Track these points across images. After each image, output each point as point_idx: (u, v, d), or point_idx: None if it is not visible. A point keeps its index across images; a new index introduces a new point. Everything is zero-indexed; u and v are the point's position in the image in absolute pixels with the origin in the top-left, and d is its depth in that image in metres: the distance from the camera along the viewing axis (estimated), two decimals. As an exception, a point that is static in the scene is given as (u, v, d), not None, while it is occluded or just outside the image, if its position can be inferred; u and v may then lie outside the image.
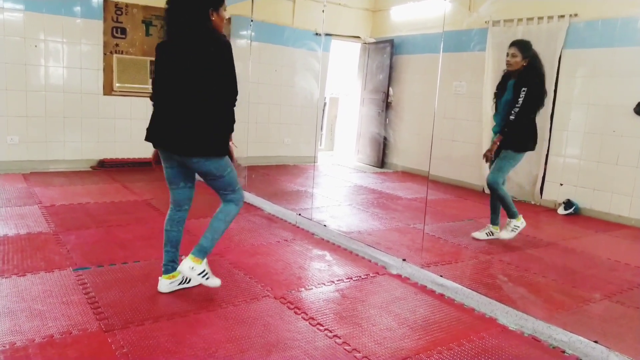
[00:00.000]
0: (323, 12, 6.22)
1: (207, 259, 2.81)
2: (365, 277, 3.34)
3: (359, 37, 8.26)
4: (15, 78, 5.75)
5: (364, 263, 3.60)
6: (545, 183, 5.85)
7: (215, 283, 2.82)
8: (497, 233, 4.25)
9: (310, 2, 7.47)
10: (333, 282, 3.21)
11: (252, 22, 5.95)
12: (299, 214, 4.52)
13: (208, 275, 2.78)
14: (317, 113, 7.65)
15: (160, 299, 2.77)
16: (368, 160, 8.36)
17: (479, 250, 4.02)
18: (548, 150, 5.77)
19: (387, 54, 7.90)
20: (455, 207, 5.72)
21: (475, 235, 4.30)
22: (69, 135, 6.18)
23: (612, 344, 2.43)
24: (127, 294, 2.79)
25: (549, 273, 3.65)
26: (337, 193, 6.16)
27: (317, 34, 7.64)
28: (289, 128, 7.89)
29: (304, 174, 7.22)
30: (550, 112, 5.64)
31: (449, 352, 2.42)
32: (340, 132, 9.36)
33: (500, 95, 4.09)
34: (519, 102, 3.83)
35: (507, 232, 4.16)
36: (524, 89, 3.82)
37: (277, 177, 6.91)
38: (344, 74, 9.28)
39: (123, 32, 6.39)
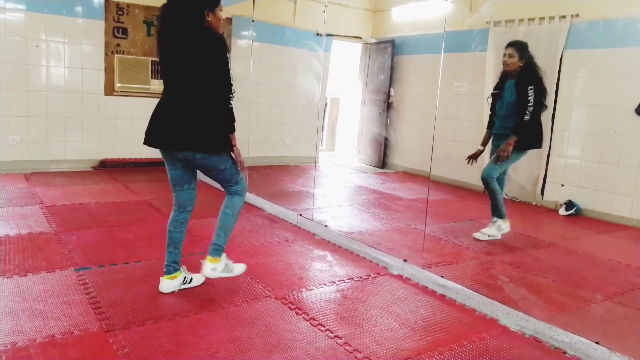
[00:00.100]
0: (324, 12, 6.22)
1: (225, 253, 2.89)
2: (367, 277, 3.34)
3: (360, 37, 8.26)
4: (17, 78, 5.76)
5: (365, 263, 3.60)
6: (547, 184, 5.84)
7: (241, 269, 2.96)
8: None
9: (312, 2, 7.47)
10: (334, 282, 3.21)
11: (253, 22, 5.95)
12: (300, 215, 4.52)
13: (232, 267, 2.89)
14: (318, 113, 7.64)
15: (162, 299, 2.77)
16: (369, 161, 8.36)
17: (480, 251, 4.01)
18: (549, 151, 5.77)
19: (388, 55, 7.90)
20: (457, 207, 5.72)
21: (479, 236, 4.28)
22: (70, 135, 6.18)
23: (613, 345, 2.43)
24: (128, 294, 2.79)
25: (550, 274, 3.65)
26: (338, 193, 6.16)
27: (318, 35, 7.64)
28: (290, 128, 7.89)
29: (305, 175, 7.22)
30: (552, 112, 5.63)
31: (450, 352, 2.42)
32: (341, 132, 9.36)
33: (500, 96, 4.07)
34: (530, 101, 3.80)
35: (490, 229, 4.15)
36: (531, 88, 3.81)
37: (278, 177, 6.91)
38: (345, 75, 9.27)
39: (124, 32, 6.40)
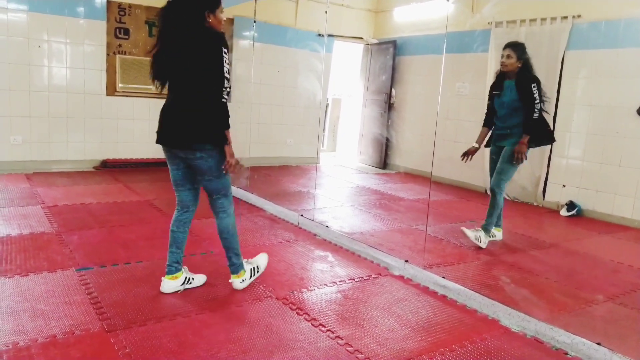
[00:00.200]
0: (326, 13, 6.23)
1: (244, 259, 2.99)
2: (368, 278, 3.34)
3: (362, 38, 8.26)
4: (19, 78, 5.77)
5: (366, 264, 3.60)
6: (548, 184, 5.84)
7: (264, 261, 3.09)
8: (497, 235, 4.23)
9: (313, 3, 7.47)
10: (335, 283, 3.21)
11: (254, 23, 5.96)
12: (301, 215, 4.52)
13: (257, 268, 2.99)
14: (319, 114, 7.65)
15: (163, 300, 2.77)
16: (370, 161, 8.36)
17: (482, 252, 4.01)
18: (551, 152, 5.76)
19: (389, 55, 7.90)
20: (458, 208, 5.72)
21: (480, 243, 4.23)
22: (72, 136, 6.19)
23: (615, 346, 2.42)
24: (129, 295, 2.80)
25: (552, 275, 3.64)
26: (339, 194, 6.16)
27: (319, 35, 7.64)
28: (292, 129, 7.89)
29: (306, 175, 7.22)
30: (553, 113, 5.63)
31: (451, 353, 2.42)
32: (343, 133, 9.36)
33: (500, 96, 4.05)
34: (536, 98, 3.80)
35: (471, 232, 4.07)
36: (534, 85, 3.81)
37: (279, 177, 6.91)
38: (347, 75, 9.27)
39: (126, 32, 6.41)
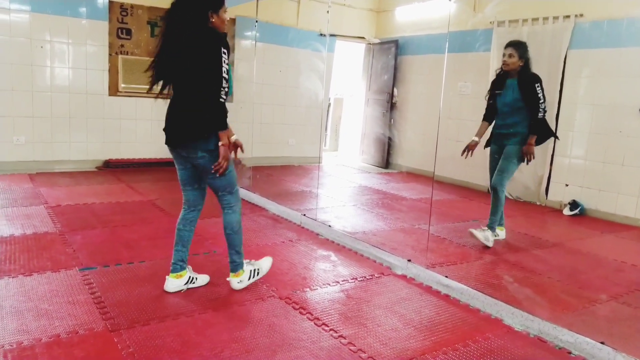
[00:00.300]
0: (328, 12, 6.22)
1: (247, 260, 2.98)
2: (370, 277, 3.34)
3: (364, 37, 8.26)
4: (22, 79, 5.78)
5: (369, 263, 3.60)
6: (551, 184, 5.83)
7: (267, 265, 3.06)
8: (500, 234, 4.22)
9: (315, 2, 7.47)
10: (338, 282, 3.21)
11: (256, 23, 5.96)
12: (304, 215, 4.52)
13: (258, 271, 2.96)
14: (321, 114, 7.65)
15: (166, 299, 2.78)
16: (373, 161, 8.35)
17: (485, 251, 4.00)
18: (553, 151, 5.75)
19: (391, 55, 7.90)
20: (460, 207, 5.71)
21: (488, 243, 4.22)
22: (75, 136, 6.20)
23: (618, 346, 2.42)
24: (133, 294, 2.80)
25: (555, 274, 3.64)
26: (341, 193, 6.16)
27: (321, 35, 7.65)
28: (294, 129, 7.89)
29: (309, 175, 7.22)
30: (556, 112, 5.62)
31: (455, 352, 2.42)
32: (345, 132, 9.36)
33: (502, 95, 4.04)
34: (540, 98, 3.81)
35: (481, 233, 4.06)
36: (538, 85, 3.81)
37: (281, 177, 6.91)
38: (349, 75, 9.28)
39: (128, 33, 6.42)
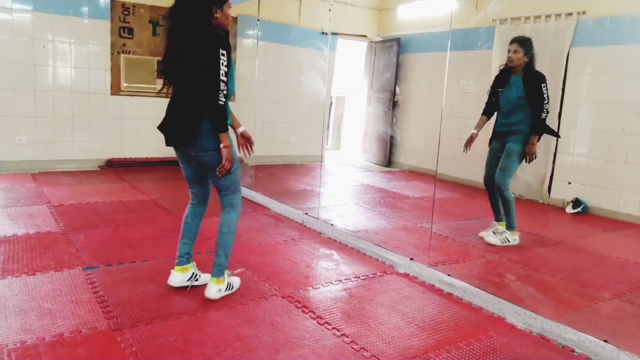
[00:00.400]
0: (329, 11, 6.20)
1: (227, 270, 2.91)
2: (373, 276, 3.34)
3: (366, 35, 8.25)
4: (24, 78, 5.79)
5: (372, 262, 3.60)
6: (553, 182, 5.82)
7: (238, 284, 2.96)
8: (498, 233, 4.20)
9: (317, 1, 7.46)
10: (340, 281, 3.21)
11: (258, 21, 5.96)
12: (306, 213, 4.52)
13: (232, 286, 2.88)
14: (323, 112, 7.65)
15: (169, 298, 2.78)
16: (375, 159, 8.35)
17: (487, 249, 4.00)
18: (556, 149, 5.74)
19: (393, 53, 7.89)
20: (463, 205, 5.71)
21: (483, 236, 4.25)
22: (77, 135, 6.21)
23: (622, 344, 2.41)
24: (135, 293, 2.81)
25: (558, 272, 3.63)
26: (344, 192, 6.15)
27: (323, 33, 7.64)
28: (296, 127, 7.89)
29: (311, 173, 7.22)
30: (558, 110, 5.61)
31: (458, 351, 2.42)
32: (347, 131, 9.36)
33: (505, 92, 4.02)
34: (545, 98, 3.79)
35: (496, 238, 4.09)
36: (544, 85, 3.80)
37: (283, 176, 6.91)
38: (351, 73, 9.27)
39: (130, 32, 6.42)
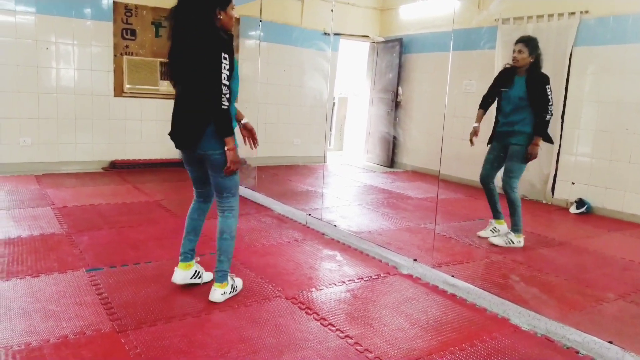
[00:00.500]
0: (332, 11, 6.20)
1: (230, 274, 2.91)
2: (376, 277, 3.34)
3: (368, 36, 8.25)
4: (27, 80, 5.81)
5: (375, 263, 3.60)
6: (557, 182, 5.80)
7: (241, 285, 2.97)
8: (499, 233, 4.18)
9: (319, 1, 7.47)
10: (344, 282, 3.21)
11: (260, 22, 5.96)
12: (309, 214, 4.52)
13: (236, 288, 2.90)
14: (326, 113, 7.64)
15: (173, 300, 2.78)
16: (377, 160, 8.34)
17: (491, 250, 3.99)
18: (559, 149, 5.72)
19: (396, 53, 7.88)
20: (466, 206, 5.70)
21: (482, 235, 4.25)
22: (80, 137, 6.23)
23: (627, 345, 2.40)
24: (139, 295, 2.81)
25: (562, 273, 3.62)
26: (346, 193, 6.15)
27: (325, 34, 7.64)
28: (298, 128, 7.90)
29: (314, 174, 7.22)
30: (561, 110, 5.60)
31: (462, 352, 2.41)
32: (350, 131, 9.35)
33: (508, 92, 4.00)
34: (550, 100, 3.77)
35: (500, 239, 4.06)
36: (549, 86, 3.78)
37: (286, 177, 6.91)
38: (353, 74, 9.26)
39: (133, 33, 6.43)
